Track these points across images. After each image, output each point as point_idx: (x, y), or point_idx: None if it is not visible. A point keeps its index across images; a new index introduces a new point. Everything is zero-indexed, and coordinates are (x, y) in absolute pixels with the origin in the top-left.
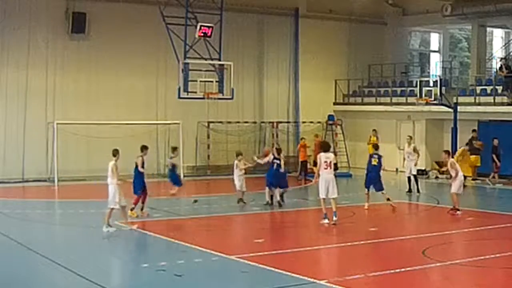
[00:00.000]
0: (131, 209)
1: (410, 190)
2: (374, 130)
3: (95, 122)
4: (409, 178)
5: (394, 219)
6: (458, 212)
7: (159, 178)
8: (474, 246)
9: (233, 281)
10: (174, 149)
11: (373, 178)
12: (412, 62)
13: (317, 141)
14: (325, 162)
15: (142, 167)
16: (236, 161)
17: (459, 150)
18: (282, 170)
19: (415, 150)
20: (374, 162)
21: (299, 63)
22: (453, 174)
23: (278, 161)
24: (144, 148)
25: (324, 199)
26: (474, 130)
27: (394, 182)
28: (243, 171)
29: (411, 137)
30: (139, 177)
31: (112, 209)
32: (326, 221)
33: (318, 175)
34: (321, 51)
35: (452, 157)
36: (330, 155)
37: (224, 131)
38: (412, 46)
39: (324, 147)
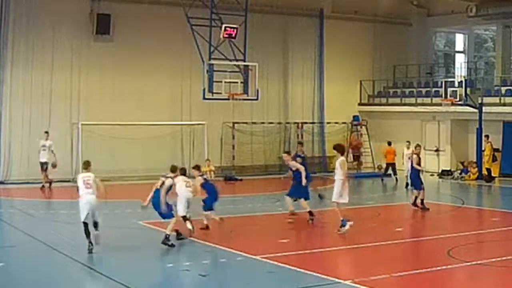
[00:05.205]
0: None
1: None
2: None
3: (119, 123)
4: None
5: (419, 219)
6: None
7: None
8: (499, 247)
9: (259, 281)
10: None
11: None
12: (437, 63)
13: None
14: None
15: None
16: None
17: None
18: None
19: None
20: None
21: (324, 64)
22: None
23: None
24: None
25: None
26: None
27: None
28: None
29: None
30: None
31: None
32: None
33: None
34: (346, 51)
35: None
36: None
37: (249, 131)
38: (437, 47)
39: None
